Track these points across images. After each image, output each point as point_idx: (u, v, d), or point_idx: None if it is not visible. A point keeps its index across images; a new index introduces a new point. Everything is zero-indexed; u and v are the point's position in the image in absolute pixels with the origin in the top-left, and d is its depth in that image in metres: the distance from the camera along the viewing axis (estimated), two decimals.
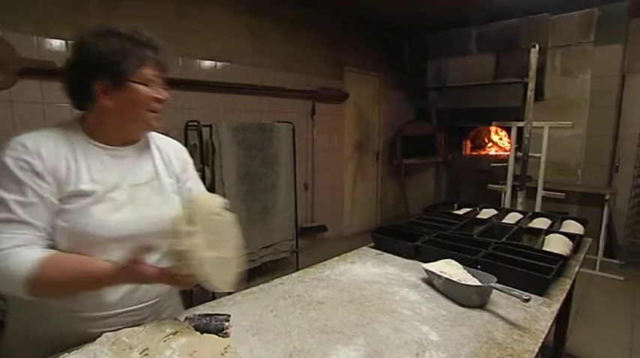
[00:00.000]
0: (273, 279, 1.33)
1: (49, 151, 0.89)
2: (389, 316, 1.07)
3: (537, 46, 2.95)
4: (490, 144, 5.37)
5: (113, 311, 0.94)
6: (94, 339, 0.87)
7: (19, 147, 0.87)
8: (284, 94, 3.92)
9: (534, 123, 3.08)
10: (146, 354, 0.70)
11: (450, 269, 1.30)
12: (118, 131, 0.98)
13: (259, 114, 3.66)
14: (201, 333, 0.84)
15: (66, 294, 0.88)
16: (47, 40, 2.47)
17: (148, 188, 1.02)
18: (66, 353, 0.82)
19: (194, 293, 2.23)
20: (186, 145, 3.13)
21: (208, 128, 3.01)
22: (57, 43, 2.50)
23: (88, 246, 0.90)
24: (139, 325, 0.88)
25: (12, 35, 2.32)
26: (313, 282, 1.31)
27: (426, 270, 1.31)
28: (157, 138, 1.12)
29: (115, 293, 0.94)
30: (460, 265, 1.32)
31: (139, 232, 0.96)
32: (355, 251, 1.64)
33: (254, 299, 1.18)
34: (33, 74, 2.40)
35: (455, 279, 1.19)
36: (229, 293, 1.19)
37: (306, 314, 1.08)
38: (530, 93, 3.01)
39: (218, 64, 3.41)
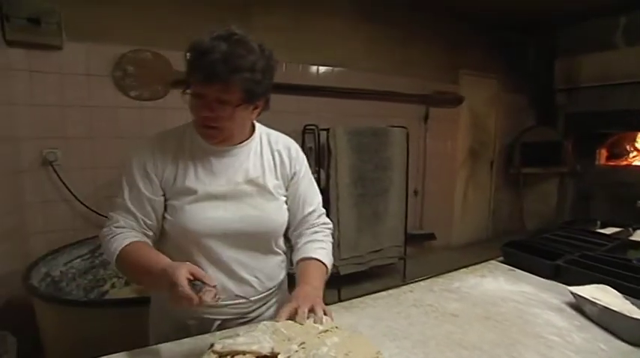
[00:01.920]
0: (380, 287, 1.34)
1: (162, 152, 1.01)
2: (533, 340, 0.98)
3: None
4: (635, 153, 4.61)
5: (222, 303, 1.00)
6: (210, 325, 1.01)
7: (141, 148, 1.02)
8: (398, 99, 3.89)
9: None
10: (304, 347, 0.74)
11: (605, 296, 1.13)
12: None
13: (373, 119, 3.69)
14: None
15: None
16: None
17: (250, 187, 1.03)
18: (233, 332, 0.92)
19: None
20: (302, 148, 3.35)
21: (325, 132, 3.13)
22: None
23: (189, 240, 0.98)
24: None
25: (168, 52, 2.70)
26: (443, 293, 1.27)
27: (575, 294, 1.17)
28: (272, 137, 1.13)
29: (222, 287, 0.97)
30: (619, 294, 1.15)
31: (237, 231, 1.00)
32: (484, 264, 1.55)
33: (385, 304, 1.18)
34: (181, 85, 2.75)
35: (617, 310, 1.04)
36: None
37: (440, 325, 1.05)
38: None
39: (335, 69, 3.53)
